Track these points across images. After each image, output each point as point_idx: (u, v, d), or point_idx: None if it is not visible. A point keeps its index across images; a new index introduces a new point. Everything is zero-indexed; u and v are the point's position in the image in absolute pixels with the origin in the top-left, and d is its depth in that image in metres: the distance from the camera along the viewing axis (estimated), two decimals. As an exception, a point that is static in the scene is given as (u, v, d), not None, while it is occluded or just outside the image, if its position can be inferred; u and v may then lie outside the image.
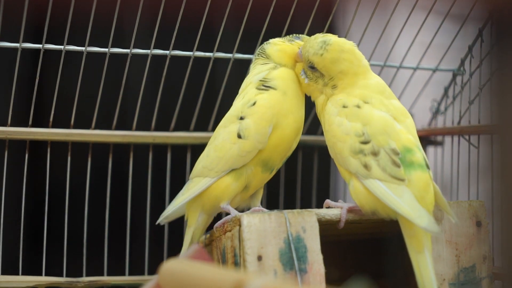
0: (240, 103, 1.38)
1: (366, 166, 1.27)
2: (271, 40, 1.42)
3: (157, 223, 1.43)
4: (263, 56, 1.41)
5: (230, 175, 1.36)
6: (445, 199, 1.29)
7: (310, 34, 1.41)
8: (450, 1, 1.49)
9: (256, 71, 1.40)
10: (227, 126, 1.37)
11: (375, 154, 1.27)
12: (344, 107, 1.31)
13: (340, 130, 1.30)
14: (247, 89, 1.39)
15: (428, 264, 1.24)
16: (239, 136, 1.35)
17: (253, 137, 1.34)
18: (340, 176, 1.70)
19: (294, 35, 1.42)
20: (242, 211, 1.36)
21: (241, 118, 1.35)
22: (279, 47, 1.40)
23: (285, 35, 1.47)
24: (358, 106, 1.30)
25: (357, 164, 1.28)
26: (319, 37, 1.34)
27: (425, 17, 1.51)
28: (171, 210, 1.40)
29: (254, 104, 1.35)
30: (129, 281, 1.52)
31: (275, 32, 1.46)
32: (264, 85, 1.36)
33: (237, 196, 1.37)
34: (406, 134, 1.29)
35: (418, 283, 1.24)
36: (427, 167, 1.28)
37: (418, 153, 1.28)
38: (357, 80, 1.32)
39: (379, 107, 1.31)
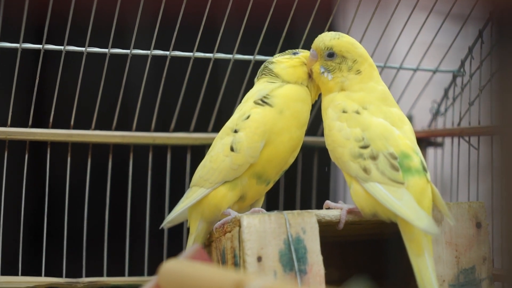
0: (236, 116, 1.38)
1: (365, 170, 1.27)
2: (274, 59, 1.41)
3: (160, 227, 1.44)
4: (272, 75, 1.40)
5: (225, 186, 1.36)
6: (444, 202, 1.30)
7: (310, 34, 1.41)
8: (451, 1, 1.49)
9: (262, 87, 1.39)
10: (223, 138, 1.38)
11: (374, 158, 1.28)
12: (343, 112, 1.32)
13: (340, 135, 1.31)
14: (246, 102, 1.39)
15: (428, 268, 1.24)
16: (232, 149, 1.35)
17: (244, 151, 1.34)
18: (340, 177, 1.70)
19: (291, 51, 1.42)
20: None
21: (235, 131, 1.36)
22: (286, 64, 1.39)
23: (286, 35, 1.47)
24: (357, 112, 1.31)
25: (356, 168, 1.28)
26: (329, 32, 1.36)
27: (426, 17, 1.50)
28: (172, 216, 1.41)
29: (248, 117, 1.35)
30: (128, 281, 1.52)
31: (275, 32, 1.45)
32: (262, 100, 1.36)
33: (234, 205, 1.37)
34: (404, 140, 1.30)
35: (419, 287, 1.23)
36: (424, 169, 1.29)
37: (416, 158, 1.29)
38: (373, 72, 1.34)
39: (377, 114, 1.31)
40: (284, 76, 1.39)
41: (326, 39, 1.34)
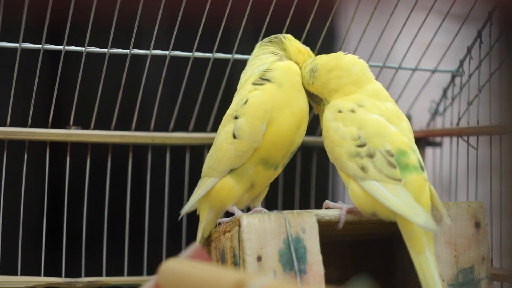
0: (235, 102, 1.38)
1: (363, 168, 1.28)
2: (288, 36, 1.43)
3: (179, 218, 1.45)
4: (279, 47, 1.41)
5: (232, 175, 1.36)
6: (440, 200, 1.30)
7: (309, 33, 1.41)
8: (450, 1, 1.49)
9: (261, 62, 1.40)
10: (225, 125, 1.38)
11: (371, 156, 1.28)
12: (339, 112, 1.32)
13: (336, 135, 1.31)
14: (244, 85, 1.39)
15: (430, 264, 1.24)
16: (234, 136, 1.35)
17: (247, 137, 1.34)
18: (339, 177, 1.70)
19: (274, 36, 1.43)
20: (242, 211, 1.36)
21: (236, 118, 1.36)
22: (296, 44, 1.42)
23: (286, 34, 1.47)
24: (353, 111, 1.32)
25: (354, 167, 1.28)
26: (308, 65, 1.38)
27: (425, 17, 1.51)
28: (188, 207, 1.41)
29: (246, 102, 1.35)
30: (128, 281, 1.52)
31: (275, 32, 1.45)
32: (261, 78, 1.36)
33: (244, 195, 1.37)
34: (400, 137, 1.30)
35: (422, 284, 1.24)
36: (422, 168, 1.29)
37: (413, 156, 1.29)
38: (351, 88, 1.34)
39: (373, 110, 1.32)
40: (291, 52, 1.41)
41: (304, 83, 1.38)
